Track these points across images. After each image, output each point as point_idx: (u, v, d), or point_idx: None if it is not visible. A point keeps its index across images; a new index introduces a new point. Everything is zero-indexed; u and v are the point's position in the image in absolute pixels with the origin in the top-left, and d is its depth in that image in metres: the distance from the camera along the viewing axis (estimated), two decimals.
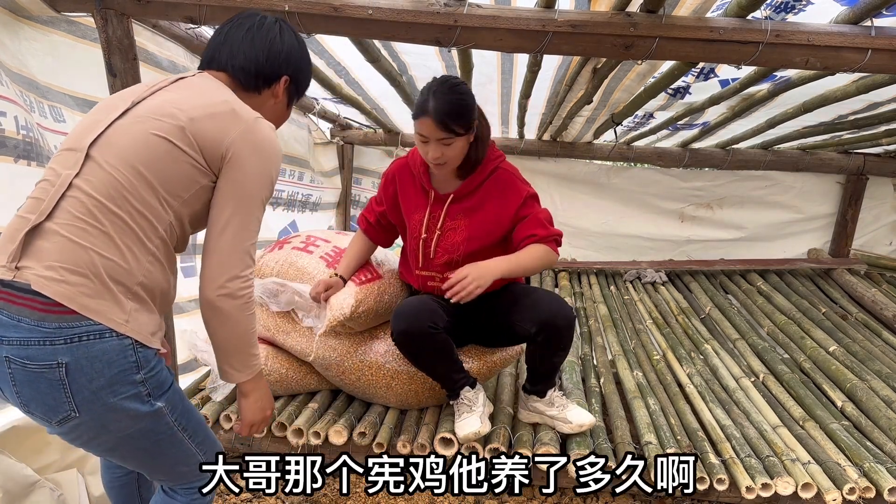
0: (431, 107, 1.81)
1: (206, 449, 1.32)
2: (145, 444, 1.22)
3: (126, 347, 1.11)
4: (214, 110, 1.20)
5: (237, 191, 1.20)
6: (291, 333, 2.29)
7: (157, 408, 1.18)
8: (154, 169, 1.15)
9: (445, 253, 2.06)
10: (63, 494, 1.78)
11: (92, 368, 1.09)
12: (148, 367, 1.15)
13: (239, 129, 1.20)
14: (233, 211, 1.20)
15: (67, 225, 1.10)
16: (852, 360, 2.96)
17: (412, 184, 2.09)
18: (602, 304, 3.91)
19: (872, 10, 1.78)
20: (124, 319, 1.11)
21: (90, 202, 1.11)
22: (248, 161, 1.20)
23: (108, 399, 1.11)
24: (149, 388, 1.15)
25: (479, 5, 1.88)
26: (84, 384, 1.09)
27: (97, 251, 1.10)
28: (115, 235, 1.11)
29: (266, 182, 1.24)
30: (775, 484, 2.00)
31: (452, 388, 2.09)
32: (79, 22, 2.15)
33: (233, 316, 1.21)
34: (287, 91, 1.40)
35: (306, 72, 1.44)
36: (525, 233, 1.97)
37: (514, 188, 2.02)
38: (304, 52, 1.42)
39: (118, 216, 1.12)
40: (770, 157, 4.33)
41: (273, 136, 1.26)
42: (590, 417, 2.15)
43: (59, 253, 1.08)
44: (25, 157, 1.91)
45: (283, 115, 1.46)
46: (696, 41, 1.87)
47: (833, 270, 4.35)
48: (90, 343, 1.08)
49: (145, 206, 1.14)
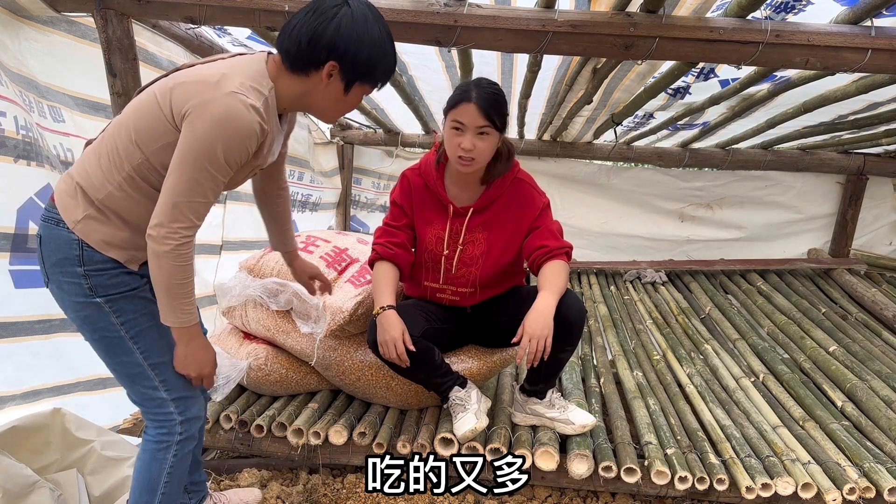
0: (474, 94, 1.80)
1: (167, 385, 1.49)
2: (94, 336, 1.47)
3: (72, 241, 1.38)
4: (201, 78, 1.32)
5: (181, 148, 1.30)
6: (291, 334, 2.29)
7: (96, 302, 1.41)
8: (136, 116, 1.36)
9: (463, 266, 2.04)
10: (63, 494, 1.78)
11: (49, 246, 1.40)
12: (91, 266, 1.39)
13: (206, 96, 1.28)
14: (175, 166, 1.30)
15: (89, 148, 1.44)
16: (852, 360, 2.96)
17: (428, 196, 2.04)
18: (602, 304, 3.91)
19: (872, 10, 1.78)
20: (77, 220, 1.37)
21: (105, 134, 1.41)
22: (198, 124, 1.28)
23: (58, 276, 1.41)
24: (91, 283, 1.40)
25: (479, 5, 1.88)
26: (46, 256, 1.41)
27: (85, 167, 1.40)
28: (99, 159, 1.38)
29: (208, 148, 1.28)
30: (775, 484, 1.99)
31: (440, 392, 2.09)
32: (79, 22, 2.15)
33: (154, 259, 1.33)
34: (339, 77, 1.37)
35: (365, 60, 1.36)
36: (536, 243, 1.95)
37: (531, 199, 2.01)
38: (363, 39, 1.35)
39: (107, 146, 1.38)
40: (770, 157, 4.33)
41: (237, 113, 1.28)
42: (591, 418, 2.14)
43: (76, 164, 1.44)
44: (25, 157, 1.91)
45: (340, 102, 1.42)
46: (696, 41, 1.87)
47: (833, 270, 4.35)
48: (50, 226, 1.40)
49: (122, 143, 1.36)
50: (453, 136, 1.84)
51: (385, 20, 1.40)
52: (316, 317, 2.23)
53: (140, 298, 1.46)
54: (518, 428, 2.19)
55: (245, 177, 1.51)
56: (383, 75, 1.43)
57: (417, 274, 2.13)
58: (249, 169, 1.46)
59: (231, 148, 1.30)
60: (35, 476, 1.72)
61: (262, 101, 1.34)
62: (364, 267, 2.28)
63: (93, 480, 1.92)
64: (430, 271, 2.09)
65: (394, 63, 1.45)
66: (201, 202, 1.33)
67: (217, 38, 2.75)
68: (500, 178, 1.98)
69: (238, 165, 1.36)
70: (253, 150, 1.36)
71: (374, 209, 5.32)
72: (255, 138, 1.33)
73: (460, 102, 1.81)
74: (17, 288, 1.96)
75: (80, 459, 1.93)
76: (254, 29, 2.38)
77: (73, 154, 2.20)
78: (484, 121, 1.81)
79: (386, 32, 1.39)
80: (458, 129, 1.83)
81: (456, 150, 1.85)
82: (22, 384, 2.01)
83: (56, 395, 2.12)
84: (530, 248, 1.97)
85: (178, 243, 1.32)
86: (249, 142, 1.32)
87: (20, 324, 1.99)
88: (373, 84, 1.43)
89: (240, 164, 1.36)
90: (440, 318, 2.10)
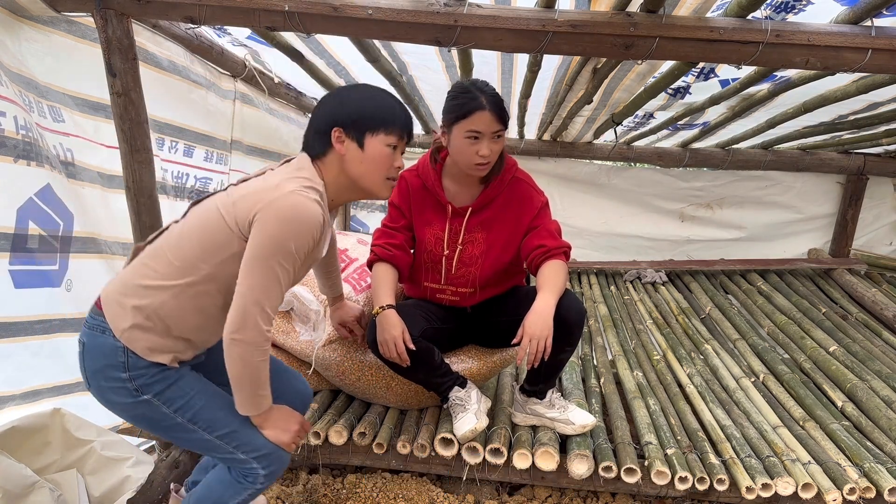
0: (486, 100, 1.81)
1: (243, 448, 1.51)
2: (155, 428, 1.52)
3: (117, 349, 1.41)
4: (261, 187, 1.41)
5: (253, 250, 1.36)
6: (291, 334, 2.29)
7: (145, 399, 1.43)
8: (201, 229, 1.43)
9: (463, 266, 2.04)
10: (63, 494, 1.78)
11: (92, 353, 1.43)
12: (136, 371, 1.42)
13: (271, 198, 1.36)
14: (248, 268, 1.36)
15: (143, 255, 1.48)
16: (852, 360, 2.96)
17: (427, 196, 2.04)
18: (602, 304, 3.91)
19: (872, 10, 1.78)
20: (124, 328, 1.40)
21: (162, 243, 1.47)
22: (269, 224, 1.35)
23: (100, 382, 1.43)
24: (136, 384, 1.42)
25: (479, 5, 1.88)
26: (88, 363, 1.44)
27: (137, 274, 1.44)
28: (155, 267, 1.43)
29: (281, 243, 1.35)
30: (775, 484, 1.99)
31: (440, 392, 2.09)
32: (79, 22, 2.15)
33: (239, 362, 1.39)
34: (350, 139, 1.46)
35: (360, 109, 1.46)
36: (535, 242, 1.95)
37: (529, 198, 2.01)
38: (351, 96, 1.49)
39: (166, 256, 1.43)
40: (770, 157, 4.33)
41: (303, 207, 1.37)
42: (591, 418, 2.14)
43: (127, 270, 1.48)
44: (25, 157, 1.91)
45: (367, 162, 1.48)
46: (696, 41, 1.87)
47: (833, 270, 4.35)
48: (95, 334, 1.43)
49: (183, 253, 1.42)
50: (469, 144, 1.84)
51: (382, 88, 1.54)
52: (315, 322, 2.23)
53: (185, 382, 1.49)
54: (518, 428, 2.19)
55: (306, 270, 1.56)
56: (391, 117, 1.49)
57: (417, 275, 2.13)
58: (310, 261, 1.53)
59: (301, 239, 1.37)
60: (35, 476, 1.72)
61: (318, 193, 1.44)
62: (364, 269, 2.28)
63: (93, 480, 1.92)
64: (430, 272, 2.09)
65: (396, 106, 1.52)
66: (277, 296, 1.39)
67: (217, 37, 2.75)
68: (499, 178, 1.98)
69: (306, 256, 1.43)
70: (318, 240, 1.43)
71: (374, 209, 5.31)
72: (319, 226, 1.40)
73: (474, 111, 1.80)
74: (17, 288, 1.96)
75: (79, 459, 1.93)
76: (254, 29, 2.38)
77: (73, 154, 2.20)
78: (498, 125, 1.83)
79: (379, 90, 1.53)
80: (475, 138, 1.83)
81: (473, 157, 1.85)
82: (22, 384, 2.01)
83: (56, 395, 2.12)
84: (529, 248, 1.97)
85: (263, 339, 1.39)
86: (315, 230, 1.40)
87: (20, 324, 1.99)
88: (385, 129, 1.48)
89: (307, 255, 1.43)
90: (440, 318, 2.10)
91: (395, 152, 1.51)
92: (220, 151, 3.13)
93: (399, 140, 1.51)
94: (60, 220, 2.11)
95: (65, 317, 2.14)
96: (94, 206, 2.28)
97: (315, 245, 1.43)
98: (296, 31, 1.97)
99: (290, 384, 1.77)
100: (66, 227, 2.13)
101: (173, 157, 2.75)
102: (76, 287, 2.19)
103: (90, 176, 2.28)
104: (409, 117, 1.54)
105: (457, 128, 1.84)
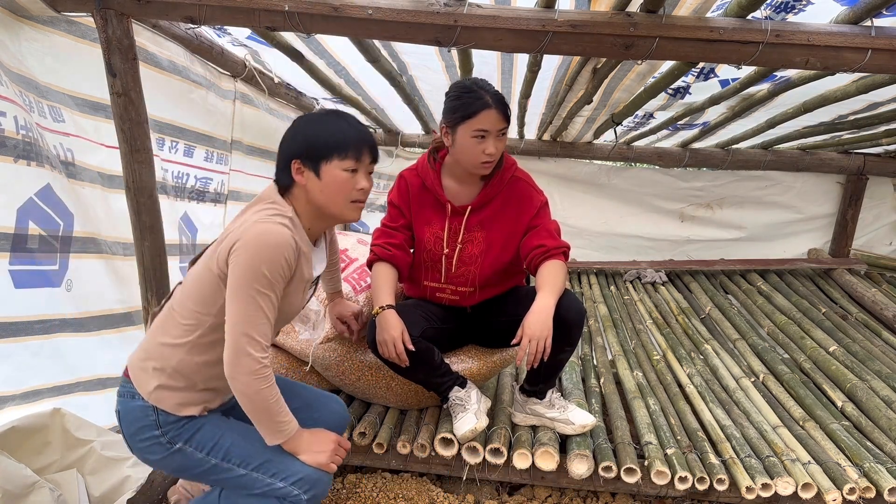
0: (491, 99, 1.82)
1: (280, 475, 1.52)
2: (193, 474, 1.58)
3: (147, 409, 1.49)
4: (233, 228, 1.46)
5: (231, 283, 1.41)
6: (291, 333, 2.29)
7: (177, 448, 1.50)
8: (196, 285, 1.48)
9: (463, 265, 2.04)
10: (63, 494, 1.78)
11: (128, 418, 1.52)
12: (167, 427, 1.50)
13: (239, 235, 1.41)
14: (230, 301, 1.40)
15: (157, 321, 1.57)
16: (852, 360, 2.96)
17: (426, 195, 2.05)
18: (602, 304, 3.91)
19: (872, 10, 1.78)
20: (150, 391, 1.48)
21: (169, 306, 1.55)
22: (239, 256, 1.39)
23: (138, 443, 1.52)
24: (168, 437, 1.50)
25: (479, 5, 1.88)
26: (126, 428, 1.53)
27: (155, 338, 1.52)
28: (167, 329, 1.50)
29: (252, 273, 1.38)
30: (775, 484, 2.00)
31: (440, 392, 2.09)
32: (79, 22, 2.14)
33: (244, 397, 1.44)
34: (307, 168, 1.48)
35: (312, 138, 1.47)
36: (534, 242, 1.95)
37: (529, 197, 2.01)
38: (300, 127, 1.51)
39: (174, 316, 1.50)
40: (770, 157, 4.33)
41: (268, 231, 1.40)
42: (591, 418, 2.14)
43: (147, 336, 1.57)
44: (25, 157, 1.91)
45: (326, 190, 1.48)
46: (696, 41, 1.86)
47: (833, 270, 4.35)
48: (126, 400, 1.52)
49: (187, 310, 1.48)
50: (476, 143, 1.85)
51: (337, 112, 1.54)
52: (315, 322, 2.23)
53: (212, 425, 1.54)
54: (518, 428, 2.19)
55: (300, 297, 1.58)
56: (342, 142, 1.47)
57: (417, 274, 2.13)
58: (301, 286, 1.54)
59: (272, 263, 1.39)
60: (35, 476, 1.71)
61: (286, 219, 1.46)
62: (364, 269, 2.28)
63: (93, 480, 1.92)
64: (430, 271, 2.09)
65: (348, 129, 1.49)
66: (263, 323, 1.42)
67: (217, 37, 2.75)
68: (498, 177, 1.99)
69: (285, 279, 1.44)
70: (293, 262, 1.44)
71: (373, 209, 5.31)
72: (290, 248, 1.42)
73: (481, 110, 1.82)
74: (17, 288, 1.96)
75: (79, 459, 1.92)
76: (254, 29, 2.38)
77: (73, 154, 2.19)
78: (504, 122, 1.85)
79: (333, 115, 1.52)
80: (481, 137, 1.84)
81: (479, 156, 1.87)
82: (22, 384, 2.01)
83: (56, 395, 2.12)
84: (528, 247, 1.97)
85: (260, 366, 1.41)
86: (287, 252, 1.41)
87: (20, 324, 1.98)
88: (339, 155, 1.47)
89: (286, 279, 1.45)
90: (440, 318, 2.10)
91: (354, 175, 1.49)
92: (221, 151, 3.13)
93: (357, 162, 1.49)
94: (60, 220, 2.11)
95: (65, 317, 2.14)
96: (94, 206, 2.28)
97: (290, 266, 1.44)
98: (296, 31, 1.97)
99: (326, 407, 1.81)
100: (66, 227, 2.13)
101: (173, 157, 2.75)
102: (76, 287, 2.19)
103: (90, 176, 2.28)
104: (363, 137, 1.50)
105: (462, 127, 1.84)
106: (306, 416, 1.66)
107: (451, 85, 1.94)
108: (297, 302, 1.58)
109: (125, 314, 2.42)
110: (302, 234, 1.51)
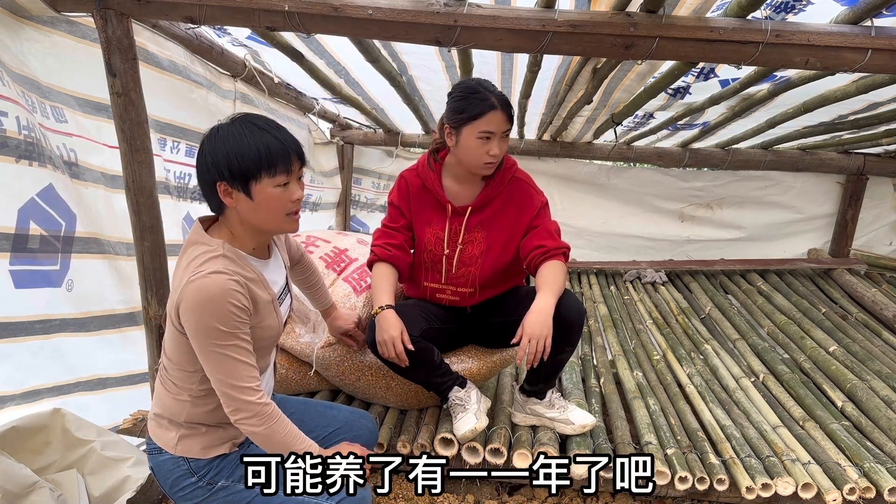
0: (496, 100, 1.83)
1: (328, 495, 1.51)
2: None
3: (178, 460, 1.52)
4: (175, 286, 1.41)
5: (195, 347, 1.38)
6: (291, 334, 2.29)
7: (220, 486, 1.53)
8: (171, 347, 1.49)
9: (463, 266, 2.05)
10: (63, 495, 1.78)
11: (162, 473, 1.55)
12: (202, 471, 1.53)
13: (179, 296, 1.36)
14: (203, 364, 1.40)
15: (157, 381, 1.59)
16: (852, 360, 2.96)
17: (427, 195, 2.05)
18: (602, 304, 3.91)
19: (872, 10, 1.78)
20: (174, 444, 1.52)
21: (161, 364, 1.57)
22: (187, 321, 1.36)
23: (178, 494, 1.55)
24: (206, 480, 1.53)
25: (479, 5, 1.88)
26: (163, 483, 1.56)
27: (160, 399, 1.55)
28: (167, 388, 1.53)
29: (206, 332, 1.34)
30: (775, 484, 2.00)
31: (440, 392, 2.09)
32: (79, 22, 2.14)
33: (256, 437, 1.45)
34: (237, 190, 1.36)
35: (234, 158, 1.34)
36: (534, 242, 1.95)
37: (529, 198, 2.01)
38: (218, 148, 1.36)
39: (169, 376, 1.52)
40: (770, 157, 4.33)
41: (202, 291, 1.33)
42: (591, 418, 2.14)
43: (154, 398, 1.60)
44: (27, 158, 1.91)
45: (260, 209, 1.38)
46: (696, 41, 1.86)
47: (833, 270, 4.35)
48: (156, 457, 1.56)
49: (174, 371, 1.50)
50: (482, 145, 1.86)
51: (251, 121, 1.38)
52: (315, 323, 2.23)
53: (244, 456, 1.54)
54: (518, 428, 2.19)
55: (274, 316, 1.51)
56: (269, 159, 1.35)
57: (417, 274, 2.13)
58: (268, 308, 1.48)
59: (220, 315, 1.34)
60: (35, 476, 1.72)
61: (219, 261, 1.37)
62: (364, 269, 2.28)
63: (93, 480, 1.92)
64: (431, 271, 2.09)
65: (270, 142, 1.36)
66: (243, 368, 1.39)
67: (217, 37, 2.75)
68: (498, 177, 1.99)
69: (244, 320, 1.38)
70: (244, 301, 1.37)
71: (374, 209, 5.32)
72: (232, 292, 1.34)
73: (488, 111, 1.82)
74: (17, 288, 1.96)
75: (80, 459, 1.93)
76: (254, 29, 2.38)
77: (77, 154, 2.20)
78: (508, 124, 1.87)
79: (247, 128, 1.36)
80: (487, 138, 1.85)
81: (484, 157, 1.87)
82: (22, 384, 2.01)
83: (56, 395, 2.12)
84: (528, 248, 1.97)
85: (259, 407, 1.41)
86: (231, 297, 1.34)
87: (20, 324, 1.98)
88: (268, 172, 1.36)
89: (246, 319, 1.39)
90: (440, 318, 2.10)
91: (287, 188, 1.39)
92: None
93: (288, 175, 1.38)
94: (63, 221, 2.11)
95: (65, 317, 2.14)
96: (96, 206, 2.28)
97: (243, 307, 1.36)
98: (296, 31, 1.97)
99: (358, 423, 1.82)
100: (68, 227, 2.13)
101: (175, 158, 2.75)
102: (77, 287, 2.19)
103: (93, 176, 2.28)
104: (287, 145, 1.38)
105: (468, 128, 1.85)
106: (347, 436, 1.73)
107: (454, 85, 1.95)
108: (274, 322, 1.52)
109: (128, 314, 2.42)
110: (244, 262, 1.43)
